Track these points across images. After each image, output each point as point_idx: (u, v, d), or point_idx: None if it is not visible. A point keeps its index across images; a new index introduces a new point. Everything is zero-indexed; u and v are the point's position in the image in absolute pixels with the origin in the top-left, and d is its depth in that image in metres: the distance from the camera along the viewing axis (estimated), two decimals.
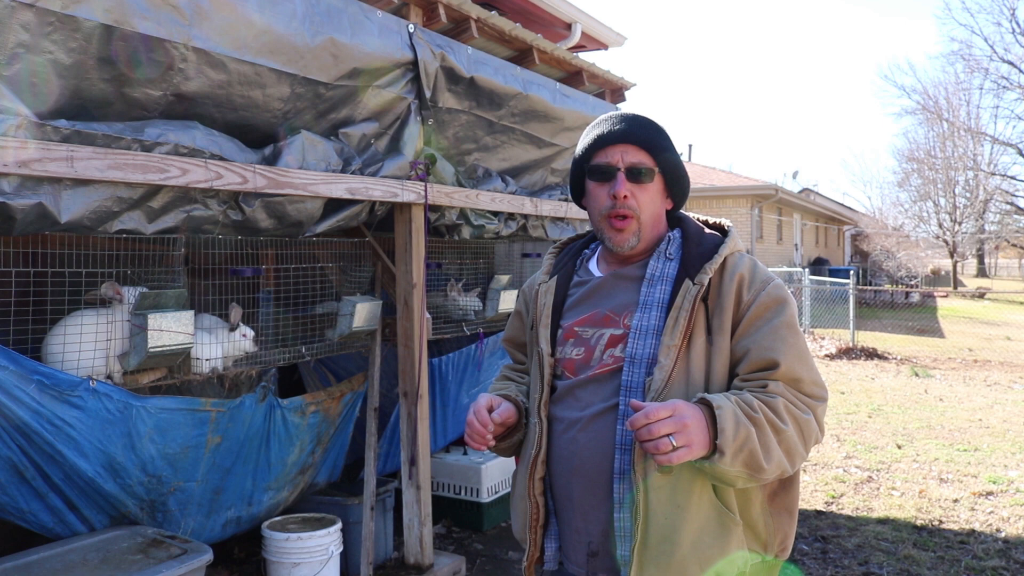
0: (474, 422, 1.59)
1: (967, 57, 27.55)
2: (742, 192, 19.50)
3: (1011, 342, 13.19)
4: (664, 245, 1.63)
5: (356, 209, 3.21)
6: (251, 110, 2.75)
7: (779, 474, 1.45)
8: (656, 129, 1.62)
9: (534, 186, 4.56)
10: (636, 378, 1.52)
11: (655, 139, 1.60)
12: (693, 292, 1.53)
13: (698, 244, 1.61)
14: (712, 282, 1.55)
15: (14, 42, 2.06)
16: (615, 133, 1.60)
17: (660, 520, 1.46)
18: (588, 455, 1.55)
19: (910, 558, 4.12)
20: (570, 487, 1.59)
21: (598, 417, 1.55)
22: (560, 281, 1.73)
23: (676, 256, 1.60)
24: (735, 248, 1.61)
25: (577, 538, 1.59)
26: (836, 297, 14.38)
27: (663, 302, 1.55)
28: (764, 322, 1.51)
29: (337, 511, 3.64)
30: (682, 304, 1.52)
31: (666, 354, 1.50)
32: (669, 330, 1.51)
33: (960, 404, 8.25)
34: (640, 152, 1.59)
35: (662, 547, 1.46)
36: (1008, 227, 29.28)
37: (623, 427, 1.51)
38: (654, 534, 1.47)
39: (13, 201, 2.11)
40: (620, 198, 1.58)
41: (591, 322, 1.62)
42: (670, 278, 1.58)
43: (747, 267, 1.57)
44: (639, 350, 1.53)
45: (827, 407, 1.57)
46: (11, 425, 2.39)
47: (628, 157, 1.59)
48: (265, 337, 3.39)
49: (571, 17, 6.08)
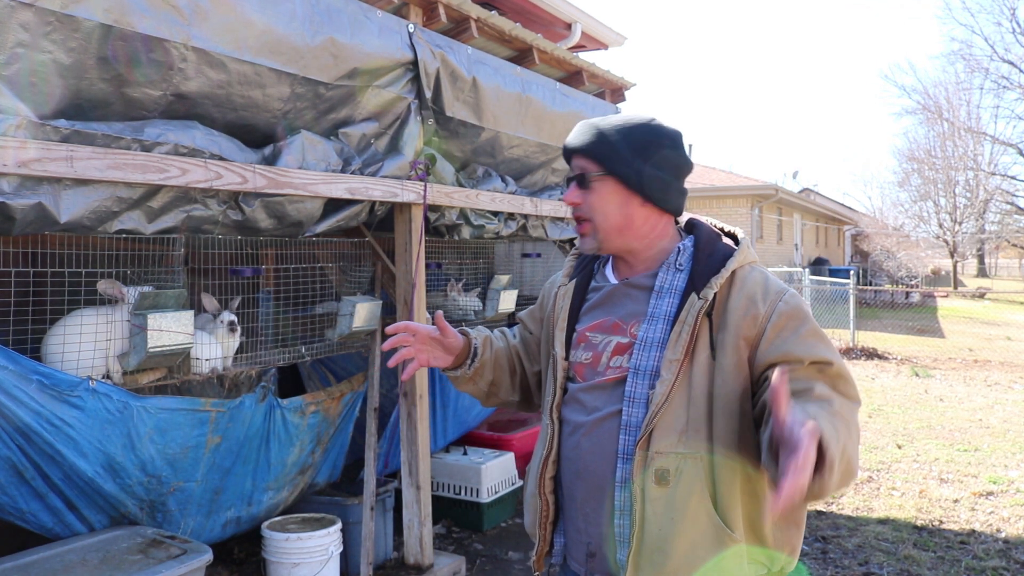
0: (399, 326, 1.67)
1: (967, 57, 27.56)
2: (742, 192, 19.49)
3: (1011, 342, 13.19)
4: (675, 256, 1.62)
5: (356, 209, 3.21)
6: (251, 110, 2.75)
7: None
8: (597, 132, 1.60)
9: (534, 186, 4.56)
10: (640, 390, 1.54)
11: (595, 142, 1.60)
12: (697, 307, 1.52)
13: (709, 255, 1.59)
14: (718, 296, 1.53)
15: (14, 42, 2.06)
16: (567, 146, 1.67)
17: (654, 530, 1.49)
18: (591, 460, 1.58)
19: (910, 558, 4.12)
20: (574, 489, 1.63)
21: (601, 423, 1.57)
22: (579, 284, 1.75)
23: (687, 267, 1.59)
24: (745, 261, 1.58)
25: (578, 537, 1.63)
26: (836, 297, 14.38)
27: (669, 315, 1.55)
28: (790, 331, 1.48)
29: (337, 511, 3.64)
30: (686, 319, 1.52)
31: (668, 368, 1.50)
32: (672, 344, 1.51)
33: (960, 404, 8.25)
34: (584, 158, 1.62)
35: (655, 557, 1.49)
36: (1008, 227, 29.27)
37: (625, 436, 1.53)
38: (648, 543, 1.49)
39: (13, 201, 2.11)
40: (568, 203, 1.65)
41: (602, 328, 1.65)
42: (678, 290, 1.57)
43: (757, 282, 1.54)
44: (643, 362, 1.54)
45: None
46: (11, 425, 2.39)
47: (576, 165, 1.64)
48: (265, 337, 3.39)
49: (571, 17, 6.08)
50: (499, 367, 1.82)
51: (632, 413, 1.53)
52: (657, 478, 1.48)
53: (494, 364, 1.81)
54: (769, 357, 1.48)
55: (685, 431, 1.49)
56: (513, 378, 1.86)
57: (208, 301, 3.10)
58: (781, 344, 1.48)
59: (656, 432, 1.49)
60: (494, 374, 1.81)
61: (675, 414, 1.49)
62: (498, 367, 1.82)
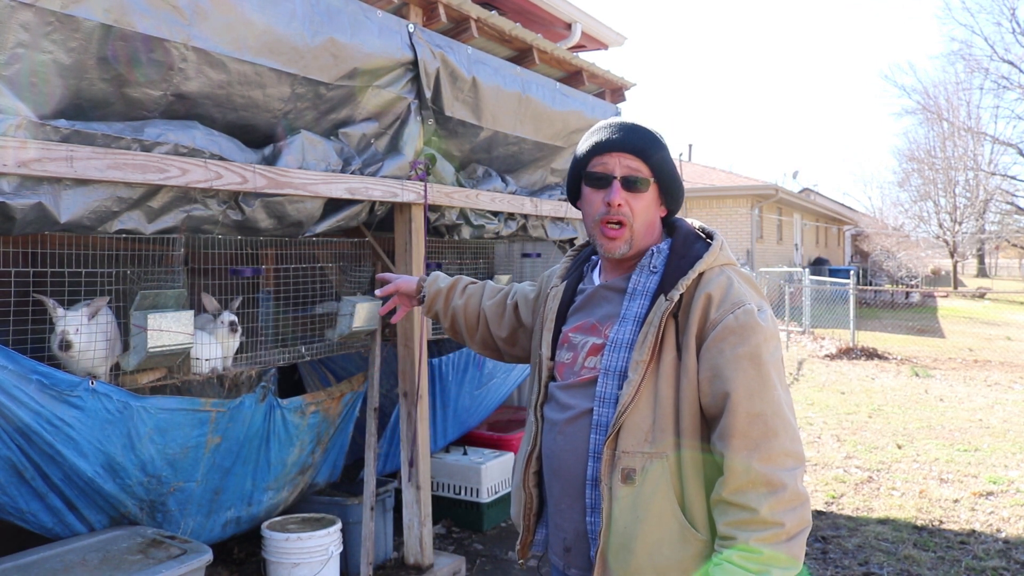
0: (388, 289, 2.16)
1: (967, 57, 27.58)
2: (742, 192, 19.49)
3: (1011, 342, 13.19)
4: (648, 258, 1.62)
5: (356, 209, 3.21)
6: (251, 110, 2.75)
7: None
8: (653, 138, 1.62)
9: (534, 186, 4.56)
10: (609, 390, 1.56)
11: (652, 148, 1.60)
12: (663, 308, 1.52)
13: (681, 257, 1.59)
14: (684, 298, 1.54)
15: (14, 42, 2.05)
16: (613, 141, 1.61)
17: (620, 528, 1.51)
18: (565, 458, 1.62)
19: (910, 558, 4.12)
20: (552, 485, 1.68)
21: (574, 422, 1.61)
22: (568, 286, 1.78)
23: (660, 269, 1.60)
24: (715, 263, 1.57)
25: (557, 532, 1.69)
26: (836, 297, 14.38)
27: (639, 316, 1.57)
28: (728, 347, 1.46)
29: (337, 511, 3.64)
30: (653, 320, 1.53)
31: (634, 369, 1.51)
32: (638, 345, 1.52)
33: (960, 404, 8.25)
34: (636, 160, 1.59)
35: (620, 554, 1.52)
36: (1008, 227, 29.26)
37: (595, 436, 1.56)
38: (615, 541, 1.52)
39: (13, 201, 2.11)
40: (615, 206, 1.59)
41: (582, 329, 1.68)
42: (649, 292, 1.58)
43: (720, 285, 1.52)
44: (612, 363, 1.56)
45: (804, 470, 1.47)
46: (11, 425, 2.39)
47: (624, 165, 1.60)
48: (265, 337, 3.39)
49: (571, 17, 6.08)
50: (456, 318, 2.06)
51: (602, 413, 1.56)
52: (624, 477, 1.50)
53: (451, 314, 2.06)
54: (702, 366, 1.49)
55: (651, 431, 1.51)
56: (472, 334, 2.06)
57: (208, 301, 3.10)
58: (713, 357, 1.48)
59: (623, 432, 1.51)
60: (451, 321, 2.07)
61: (641, 414, 1.51)
62: (456, 318, 2.06)
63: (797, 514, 1.41)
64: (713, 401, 1.47)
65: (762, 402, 1.43)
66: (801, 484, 1.43)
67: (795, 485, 1.41)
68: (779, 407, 1.44)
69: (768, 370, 1.46)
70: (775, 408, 1.44)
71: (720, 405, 1.45)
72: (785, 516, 1.40)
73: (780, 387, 1.47)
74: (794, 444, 1.44)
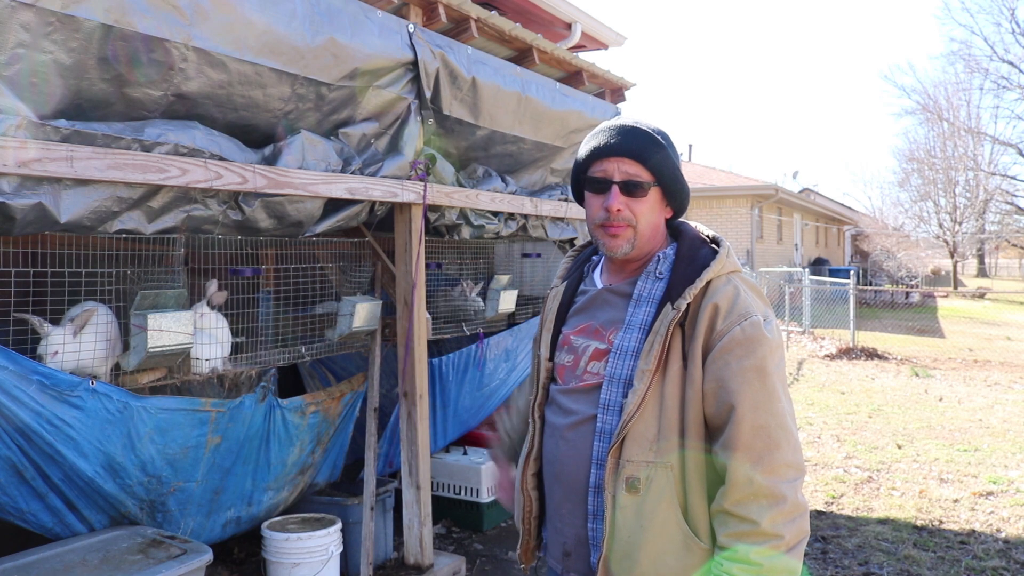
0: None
1: (967, 57, 27.58)
2: (742, 192, 19.49)
3: (1011, 342, 13.19)
4: (654, 264, 1.61)
5: (356, 209, 3.21)
6: (252, 110, 2.75)
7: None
8: (652, 140, 1.58)
9: (534, 186, 4.56)
10: (614, 398, 1.55)
11: (650, 151, 1.58)
12: (670, 317, 1.51)
13: (688, 264, 1.57)
14: (691, 307, 1.53)
15: (14, 42, 2.06)
16: (611, 146, 1.58)
17: (624, 536, 1.51)
18: (567, 463, 1.61)
19: (910, 558, 4.12)
20: (552, 490, 1.67)
21: (577, 427, 1.60)
22: (568, 287, 1.77)
23: (666, 275, 1.59)
24: (722, 271, 1.56)
25: (556, 536, 1.67)
26: (836, 297, 14.38)
27: (645, 324, 1.56)
28: (735, 359, 1.46)
29: (337, 511, 3.64)
30: (659, 329, 1.51)
31: (640, 378, 1.50)
32: (645, 354, 1.51)
33: (960, 404, 8.25)
34: (635, 165, 1.57)
35: (623, 563, 1.51)
36: (1008, 227, 29.27)
37: (599, 443, 1.55)
38: (618, 549, 1.52)
39: (13, 201, 2.11)
40: (613, 211, 1.57)
41: (584, 332, 1.66)
42: (655, 299, 1.57)
43: (727, 296, 1.51)
44: (618, 370, 1.55)
45: (803, 482, 1.48)
46: (11, 425, 2.39)
47: (623, 171, 1.57)
48: (265, 337, 3.39)
49: (571, 17, 6.08)
50: None
51: (606, 420, 1.55)
52: (628, 486, 1.50)
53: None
54: (707, 377, 1.49)
55: (656, 440, 1.50)
56: None
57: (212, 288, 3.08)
58: (719, 368, 1.47)
59: (628, 441, 1.50)
60: None
61: (646, 424, 1.50)
62: None
63: (796, 525, 1.43)
64: (718, 412, 1.47)
65: (767, 415, 1.45)
66: (801, 494, 1.46)
67: (795, 496, 1.43)
68: (783, 419, 1.46)
69: (773, 382, 1.47)
70: (779, 420, 1.46)
71: (725, 417, 1.46)
72: (785, 528, 1.42)
73: (784, 398, 1.49)
74: (795, 455, 1.46)
